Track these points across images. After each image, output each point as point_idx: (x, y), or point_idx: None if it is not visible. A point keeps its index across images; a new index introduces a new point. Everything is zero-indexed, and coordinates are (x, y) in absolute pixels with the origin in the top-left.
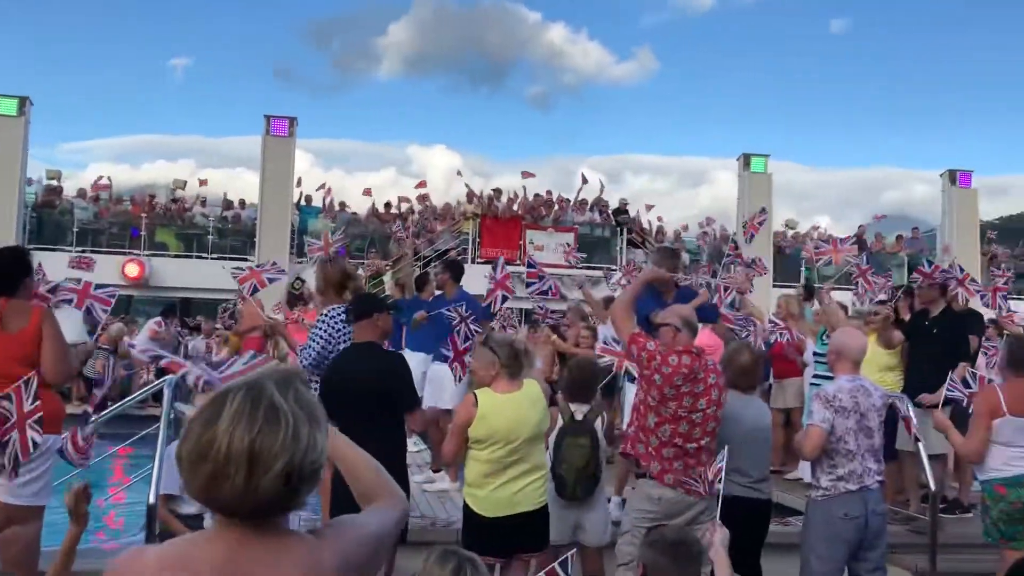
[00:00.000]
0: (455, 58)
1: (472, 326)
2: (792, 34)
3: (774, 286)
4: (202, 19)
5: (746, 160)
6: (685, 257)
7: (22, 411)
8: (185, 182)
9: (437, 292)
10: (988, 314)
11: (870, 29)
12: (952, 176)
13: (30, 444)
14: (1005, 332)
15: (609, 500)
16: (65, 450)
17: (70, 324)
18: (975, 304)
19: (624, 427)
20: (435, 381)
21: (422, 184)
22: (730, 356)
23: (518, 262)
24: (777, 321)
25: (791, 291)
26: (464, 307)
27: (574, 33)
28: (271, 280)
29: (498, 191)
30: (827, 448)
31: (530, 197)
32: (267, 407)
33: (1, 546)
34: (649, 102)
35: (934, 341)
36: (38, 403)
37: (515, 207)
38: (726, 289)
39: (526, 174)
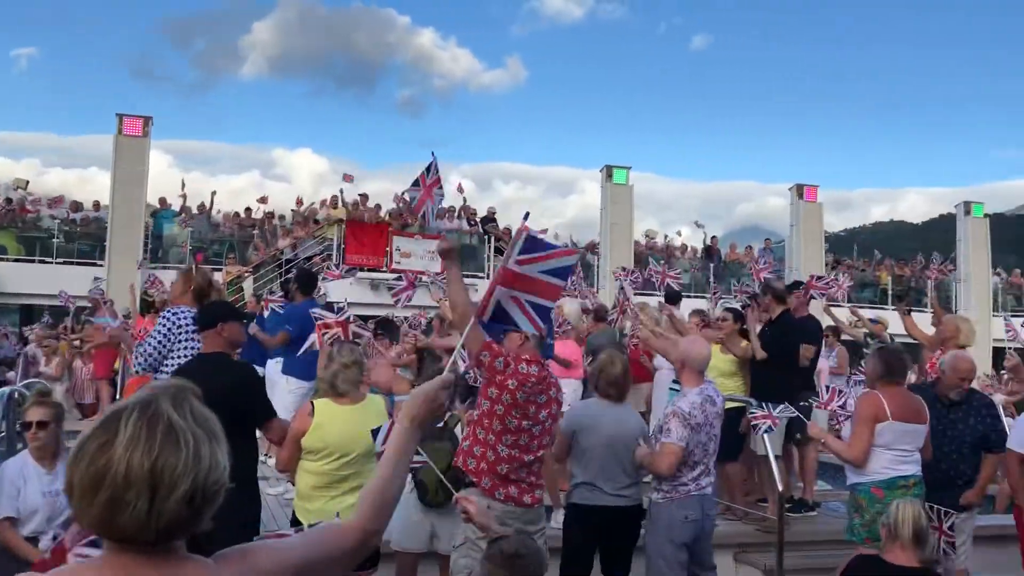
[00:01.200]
0: (322, 60)
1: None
2: (657, 50)
3: (636, 294)
4: (51, 7)
5: (608, 172)
6: None
7: None
8: (27, 181)
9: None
10: (828, 321)
11: (730, 48)
12: (800, 190)
13: None
14: (843, 336)
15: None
16: None
17: None
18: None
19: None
20: (272, 393)
21: (263, 200)
22: (602, 366)
23: (384, 269)
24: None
25: (648, 299)
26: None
27: (444, 39)
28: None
29: (364, 196)
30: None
31: (397, 203)
32: (165, 427)
33: None
34: (519, 111)
35: (768, 345)
36: None
37: (382, 213)
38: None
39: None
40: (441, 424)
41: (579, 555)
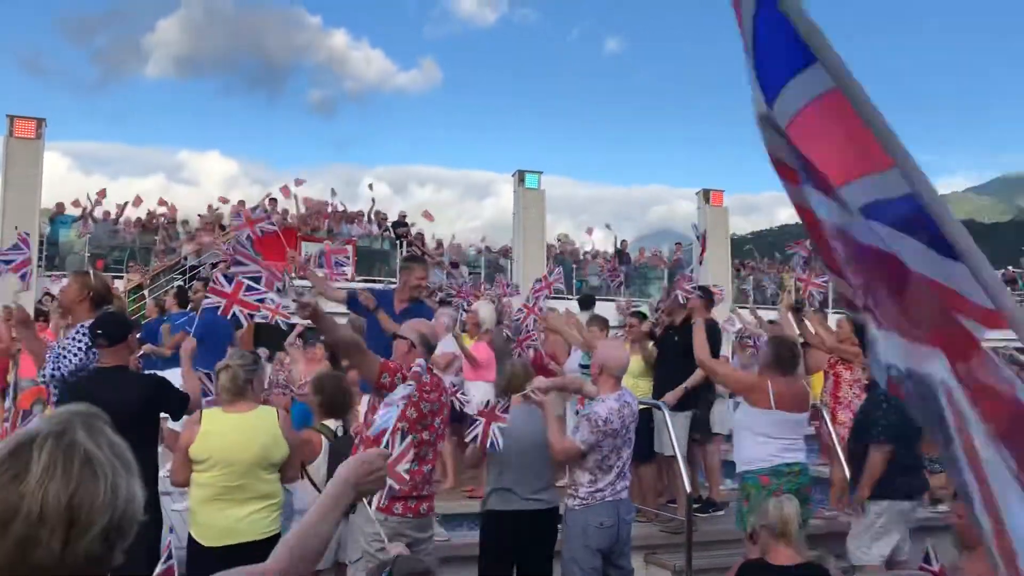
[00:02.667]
0: (230, 60)
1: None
2: (570, 54)
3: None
4: None
5: (521, 176)
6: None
7: None
8: None
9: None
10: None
11: (641, 52)
12: (706, 195)
13: None
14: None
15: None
16: None
17: None
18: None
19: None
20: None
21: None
22: (508, 371)
23: (292, 275)
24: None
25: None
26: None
27: (356, 40)
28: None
29: (273, 201)
30: (590, 467)
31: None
32: (82, 458)
33: None
34: (434, 113)
35: (674, 348)
36: None
37: (288, 218)
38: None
39: (299, 181)
40: (342, 434)
41: (498, 562)
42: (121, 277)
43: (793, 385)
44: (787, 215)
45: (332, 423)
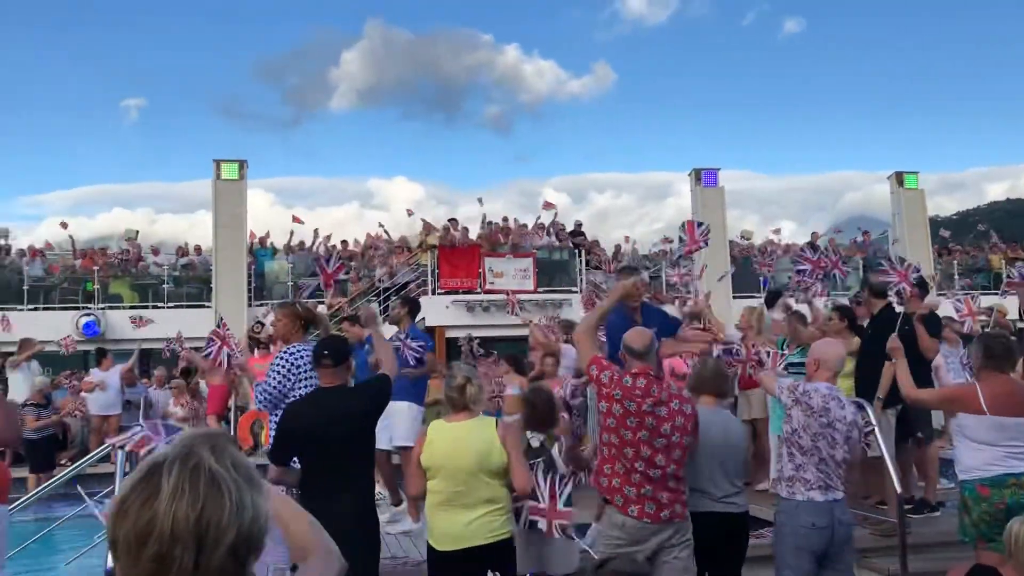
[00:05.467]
0: (409, 86)
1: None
2: (745, 41)
3: (734, 297)
4: (152, 57)
5: (697, 174)
6: (645, 275)
7: None
8: (137, 231)
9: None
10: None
11: (822, 31)
12: (899, 178)
13: None
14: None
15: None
16: None
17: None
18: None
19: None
20: (389, 417)
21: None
22: (694, 369)
23: (479, 290)
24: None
25: (753, 303)
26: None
27: (527, 53)
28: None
29: (454, 221)
30: (786, 437)
31: (491, 223)
32: (207, 477)
33: None
34: (608, 117)
35: (869, 341)
36: None
37: (472, 235)
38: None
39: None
40: (538, 444)
41: None
42: (322, 302)
43: (1012, 384)
44: (997, 191)
45: (530, 434)
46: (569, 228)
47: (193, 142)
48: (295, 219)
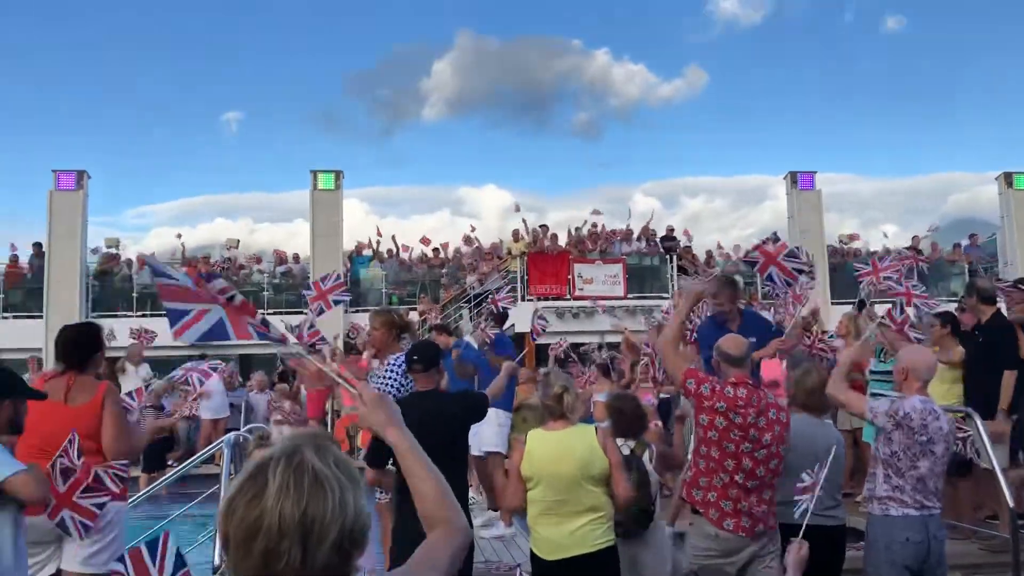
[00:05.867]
0: (498, 94)
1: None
2: (844, 39)
3: (832, 303)
4: (250, 72)
5: (793, 178)
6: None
7: (58, 492)
8: (238, 240)
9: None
10: None
11: (926, 24)
12: (1008, 178)
13: (92, 509)
14: None
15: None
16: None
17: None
18: None
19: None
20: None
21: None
22: (798, 378)
23: (568, 296)
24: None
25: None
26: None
27: (617, 58)
28: (336, 302)
29: (544, 227)
30: (882, 459)
31: (584, 229)
32: (311, 476)
33: None
34: (700, 121)
35: (979, 348)
36: (77, 476)
37: (560, 241)
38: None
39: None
40: (628, 452)
41: None
42: (415, 309)
43: None
44: None
45: (621, 441)
46: (661, 233)
47: (290, 153)
48: (378, 232)
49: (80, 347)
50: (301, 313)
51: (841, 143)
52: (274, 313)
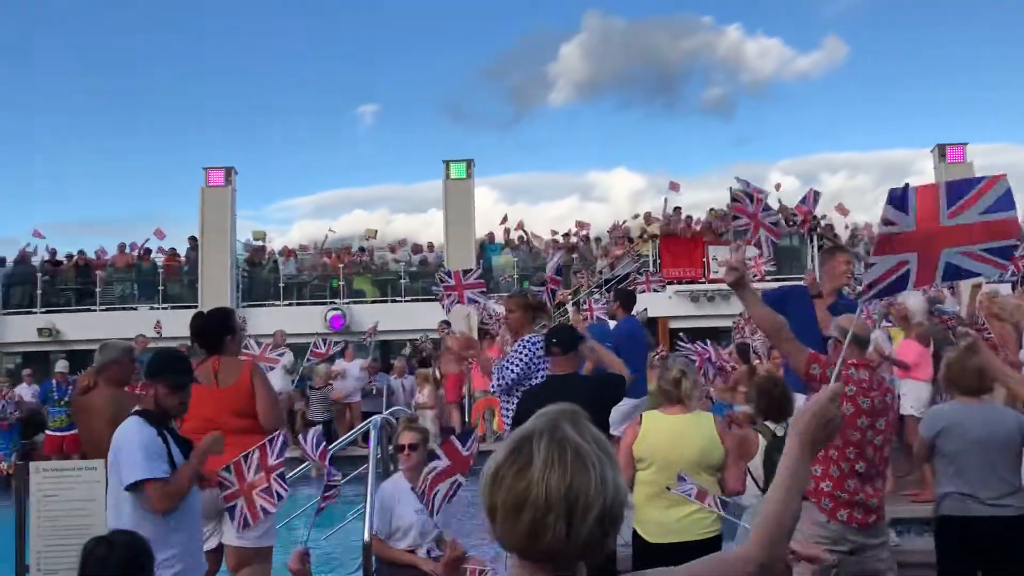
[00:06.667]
0: (626, 75)
1: None
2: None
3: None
4: (383, 65)
5: (941, 151)
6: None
7: (244, 481)
8: (376, 231)
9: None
10: None
11: None
12: None
13: (259, 511)
14: None
15: None
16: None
17: (274, 375)
18: None
19: None
20: None
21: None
22: (949, 363)
23: (702, 280)
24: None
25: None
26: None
27: (750, 33)
28: (472, 301)
29: (678, 209)
30: None
31: (713, 210)
32: (574, 451)
33: None
34: (840, 94)
35: None
36: (280, 460)
37: (695, 224)
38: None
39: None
40: (782, 433)
41: (960, 572)
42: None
43: None
44: None
45: (772, 424)
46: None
47: (423, 144)
48: (504, 220)
49: (208, 333)
50: (434, 300)
51: (995, 110)
52: (411, 300)
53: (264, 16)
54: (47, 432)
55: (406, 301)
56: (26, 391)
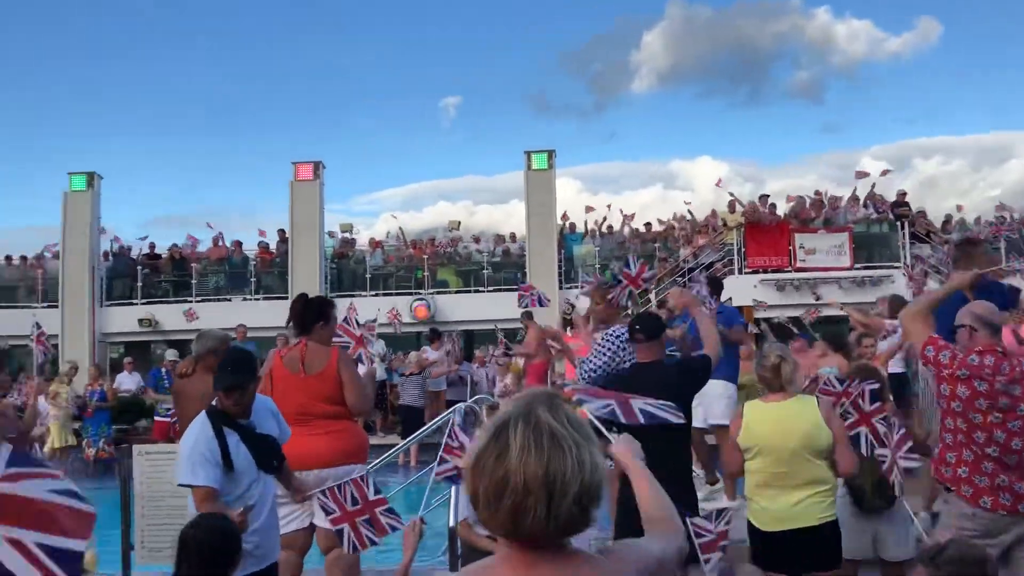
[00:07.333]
0: (710, 62)
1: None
2: None
3: None
4: (466, 57)
5: None
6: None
7: (344, 507)
8: (459, 222)
9: None
10: None
11: None
12: None
13: (366, 540)
14: None
15: (917, 515)
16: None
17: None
18: None
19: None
20: (704, 396)
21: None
22: None
23: (788, 268)
24: None
25: None
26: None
27: (839, 15)
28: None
29: (764, 197)
30: None
31: (801, 197)
32: (548, 435)
33: (328, 568)
34: (933, 76)
35: None
36: (380, 496)
37: (780, 212)
38: None
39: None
40: None
41: None
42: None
43: None
44: None
45: None
46: (891, 199)
47: (505, 135)
48: (587, 208)
49: (302, 315)
50: (514, 290)
51: None
52: (494, 290)
53: (348, 12)
54: (156, 418)
55: (489, 291)
56: (127, 379)
